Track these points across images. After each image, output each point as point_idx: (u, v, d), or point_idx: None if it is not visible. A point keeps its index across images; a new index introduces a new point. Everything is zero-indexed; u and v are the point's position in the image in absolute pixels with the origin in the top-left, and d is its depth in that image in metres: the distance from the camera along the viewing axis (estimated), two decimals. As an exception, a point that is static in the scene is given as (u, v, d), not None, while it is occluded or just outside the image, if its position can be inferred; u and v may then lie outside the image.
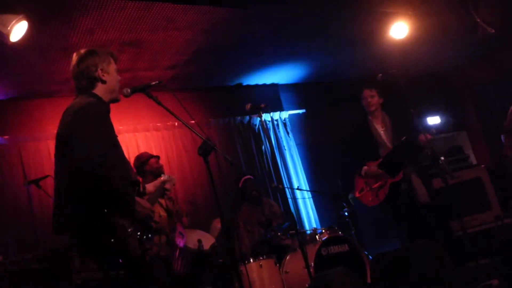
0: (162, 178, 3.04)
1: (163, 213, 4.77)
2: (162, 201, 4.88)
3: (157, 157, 5.09)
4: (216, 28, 5.02)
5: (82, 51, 2.76)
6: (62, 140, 2.60)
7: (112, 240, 2.38)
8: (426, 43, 6.44)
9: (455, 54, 7.32)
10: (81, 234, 2.48)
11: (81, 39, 4.56)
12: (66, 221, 2.50)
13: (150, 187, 3.00)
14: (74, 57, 2.76)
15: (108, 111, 2.72)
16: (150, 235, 2.65)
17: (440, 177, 5.26)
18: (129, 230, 2.47)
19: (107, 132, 2.60)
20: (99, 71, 2.71)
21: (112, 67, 2.78)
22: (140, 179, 3.45)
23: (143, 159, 4.99)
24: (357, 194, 4.82)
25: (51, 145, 5.24)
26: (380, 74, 4.50)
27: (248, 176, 5.62)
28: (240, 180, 5.59)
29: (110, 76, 2.75)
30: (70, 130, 2.53)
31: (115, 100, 2.82)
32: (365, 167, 4.67)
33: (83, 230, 2.46)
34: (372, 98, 4.77)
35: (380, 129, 4.76)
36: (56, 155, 2.65)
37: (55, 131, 2.68)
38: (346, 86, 6.92)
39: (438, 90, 8.04)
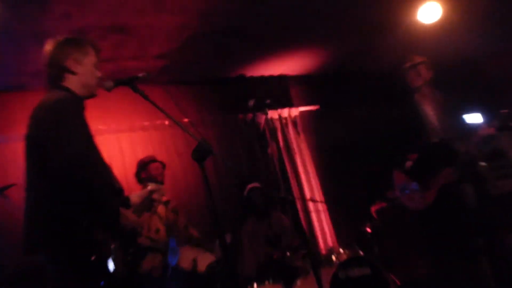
0: (149, 188, 3.04)
1: (161, 227, 4.76)
2: (162, 212, 4.90)
3: (160, 163, 5.12)
4: (213, 10, 5.01)
5: (60, 37, 2.82)
6: (32, 142, 2.61)
7: (93, 258, 2.38)
8: (460, 28, 6.42)
9: (495, 40, 7.30)
10: (57, 252, 2.47)
11: (56, 24, 4.57)
12: (39, 238, 2.49)
13: (135, 198, 3.00)
14: (50, 43, 2.80)
15: (84, 108, 2.73)
16: (142, 253, 2.65)
17: (479, 186, 5.21)
18: (112, 246, 2.47)
19: (85, 132, 2.60)
20: (70, 61, 2.75)
21: (90, 59, 2.84)
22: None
23: (142, 163, 5.08)
24: (397, 193, 4.72)
25: (19, 148, 5.23)
26: (408, 64, 4.47)
27: (255, 185, 5.61)
28: (244, 189, 5.58)
29: (83, 68, 2.79)
30: (42, 130, 2.54)
31: (91, 96, 2.85)
32: (409, 162, 4.58)
33: (59, 247, 2.45)
34: (416, 71, 4.60)
35: (430, 111, 4.63)
36: (26, 160, 2.65)
37: (24, 132, 2.68)
38: (368, 77, 6.90)
39: (475, 82, 8.01)
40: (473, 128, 4.37)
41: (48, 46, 2.81)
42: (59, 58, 2.77)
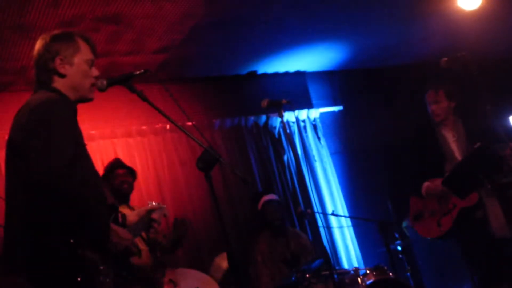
0: (149, 206, 3.07)
1: (142, 247, 4.57)
2: None
3: (127, 168, 4.92)
4: (221, -3, 5.05)
5: (50, 33, 2.83)
6: (15, 148, 2.64)
7: (79, 278, 2.40)
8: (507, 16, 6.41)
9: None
10: (39, 273, 2.50)
11: (42, 14, 4.60)
12: (20, 257, 2.53)
13: (131, 216, 3.02)
14: (38, 41, 2.83)
15: (75, 113, 2.76)
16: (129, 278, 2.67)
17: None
18: (101, 267, 2.50)
19: (74, 139, 2.63)
20: (57, 61, 2.76)
21: (81, 57, 2.81)
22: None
23: (106, 169, 4.88)
24: (411, 221, 4.78)
25: (1, 155, 5.30)
26: (445, 59, 4.49)
27: (271, 197, 5.62)
28: (259, 202, 5.60)
29: (72, 69, 2.78)
30: (26, 134, 2.57)
31: (85, 100, 2.86)
32: (426, 183, 4.65)
33: (41, 267, 2.49)
34: (437, 104, 4.71)
35: (451, 138, 4.73)
36: (7, 169, 2.68)
37: (6, 137, 2.72)
38: (401, 74, 6.88)
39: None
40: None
41: (36, 45, 2.80)
42: (46, 59, 2.75)
